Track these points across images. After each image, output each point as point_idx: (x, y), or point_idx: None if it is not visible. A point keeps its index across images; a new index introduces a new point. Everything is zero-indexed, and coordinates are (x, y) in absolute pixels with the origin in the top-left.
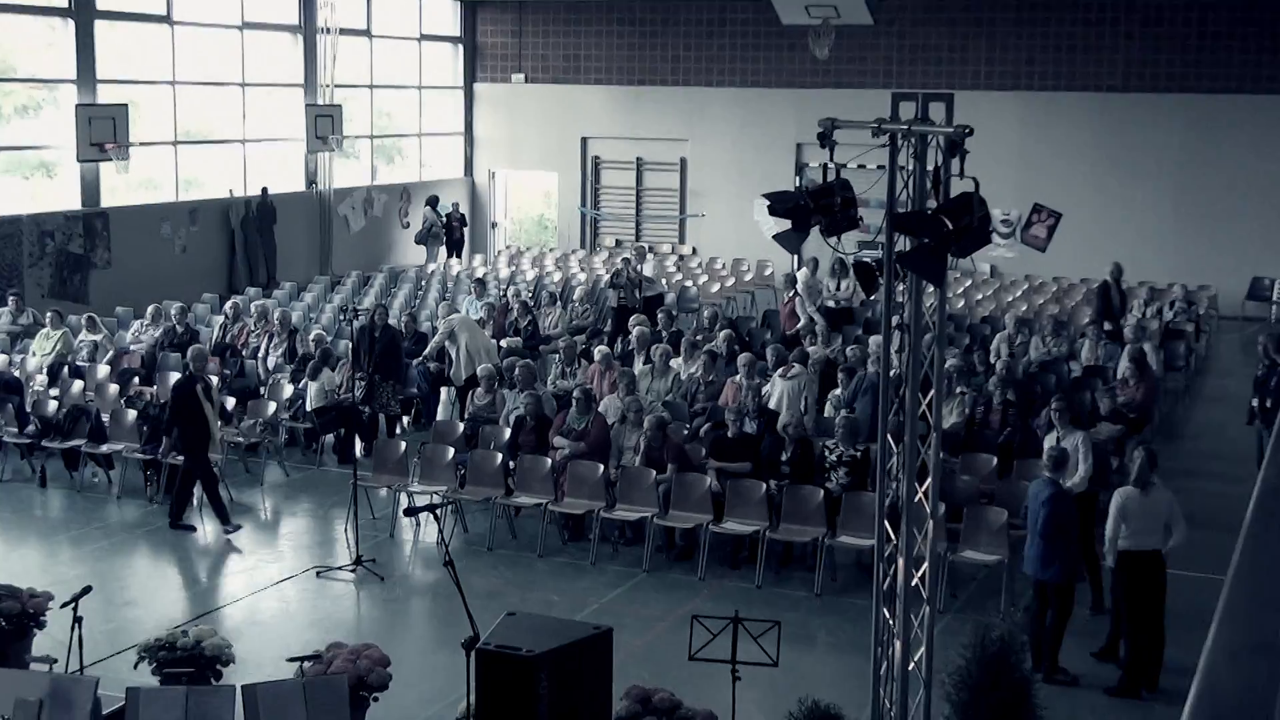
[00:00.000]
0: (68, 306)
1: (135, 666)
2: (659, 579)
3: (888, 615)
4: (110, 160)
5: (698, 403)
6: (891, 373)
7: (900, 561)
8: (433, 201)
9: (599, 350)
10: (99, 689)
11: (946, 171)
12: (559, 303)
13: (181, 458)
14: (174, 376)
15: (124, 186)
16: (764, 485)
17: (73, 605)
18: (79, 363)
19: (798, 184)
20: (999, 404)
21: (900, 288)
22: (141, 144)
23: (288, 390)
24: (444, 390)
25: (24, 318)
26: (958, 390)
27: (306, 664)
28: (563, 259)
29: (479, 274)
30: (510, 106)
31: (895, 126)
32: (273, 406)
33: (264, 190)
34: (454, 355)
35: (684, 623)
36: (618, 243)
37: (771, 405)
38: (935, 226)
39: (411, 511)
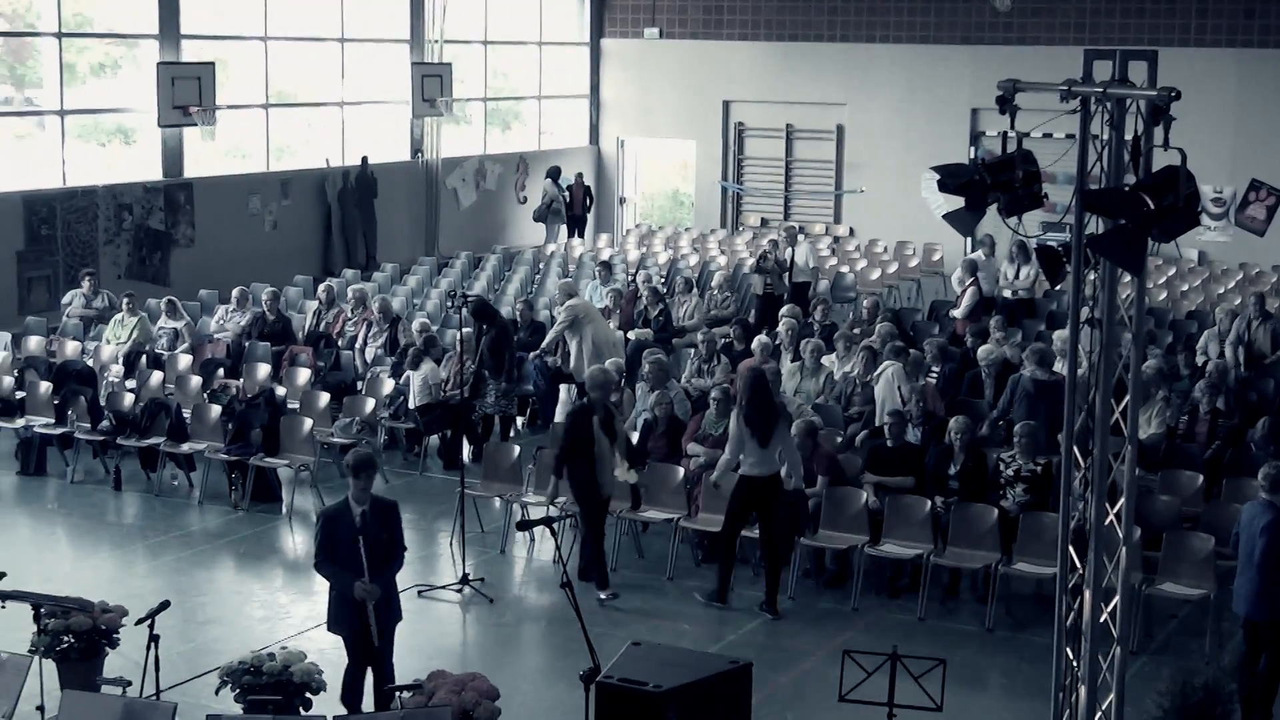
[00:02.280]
0: (146, 288)
1: (217, 692)
2: (806, 608)
3: (1071, 656)
4: (194, 125)
5: (853, 406)
6: (1079, 374)
7: (1087, 594)
8: (553, 173)
9: (757, 341)
10: (176, 716)
11: (1148, 142)
12: (695, 290)
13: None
14: (263, 369)
15: (209, 155)
16: (929, 502)
17: (149, 622)
18: (158, 352)
19: (973, 156)
20: (1206, 413)
21: (1091, 277)
22: (229, 107)
23: (388, 386)
24: (563, 388)
25: (99, 301)
26: (1158, 396)
27: (406, 694)
28: (700, 240)
29: (604, 256)
30: (642, 66)
31: (1088, 89)
32: (371, 404)
33: (364, 160)
34: (574, 348)
35: (834, 658)
36: (763, 222)
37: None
38: (1134, 206)
39: (525, 525)
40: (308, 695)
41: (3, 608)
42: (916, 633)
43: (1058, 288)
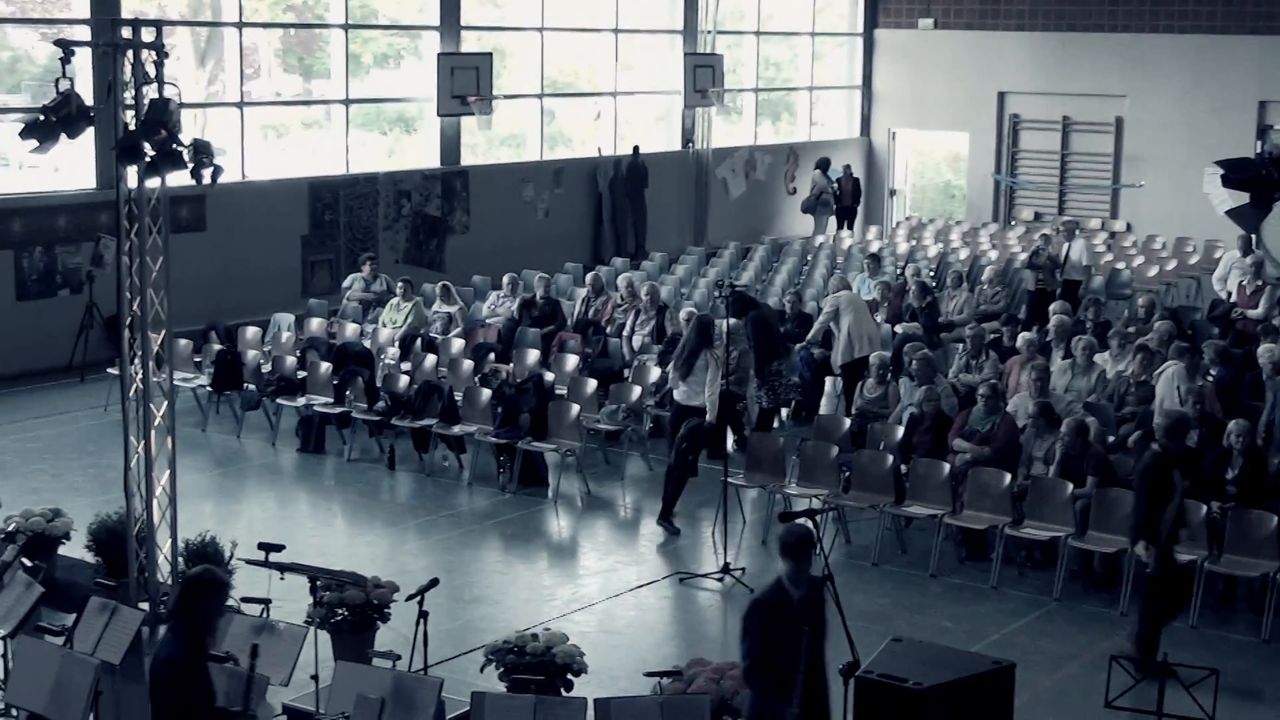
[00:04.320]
0: (422, 273)
1: (481, 670)
2: (1072, 610)
3: None
4: (472, 114)
5: (1126, 406)
6: None
7: None
8: (823, 164)
9: (1023, 337)
10: (442, 691)
11: None
12: (965, 284)
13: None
14: (532, 354)
15: (485, 143)
16: (1204, 507)
17: (418, 599)
18: (432, 335)
19: (1259, 150)
20: None
21: None
22: (505, 97)
23: (654, 374)
24: (828, 380)
25: (378, 285)
26: None
27: (665, 680)
28: (971, 234)
29: (873, 248)
30: (916, 57)
31: None
32: (637, 391)
33: (635, 149)
34: (836, 337)
35: (1100, 663)
36: (1037, 216)
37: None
38: None
39: (788, 517)
40: (569, 677)
41: (282, 579)
42: (1188, 641)
43: None
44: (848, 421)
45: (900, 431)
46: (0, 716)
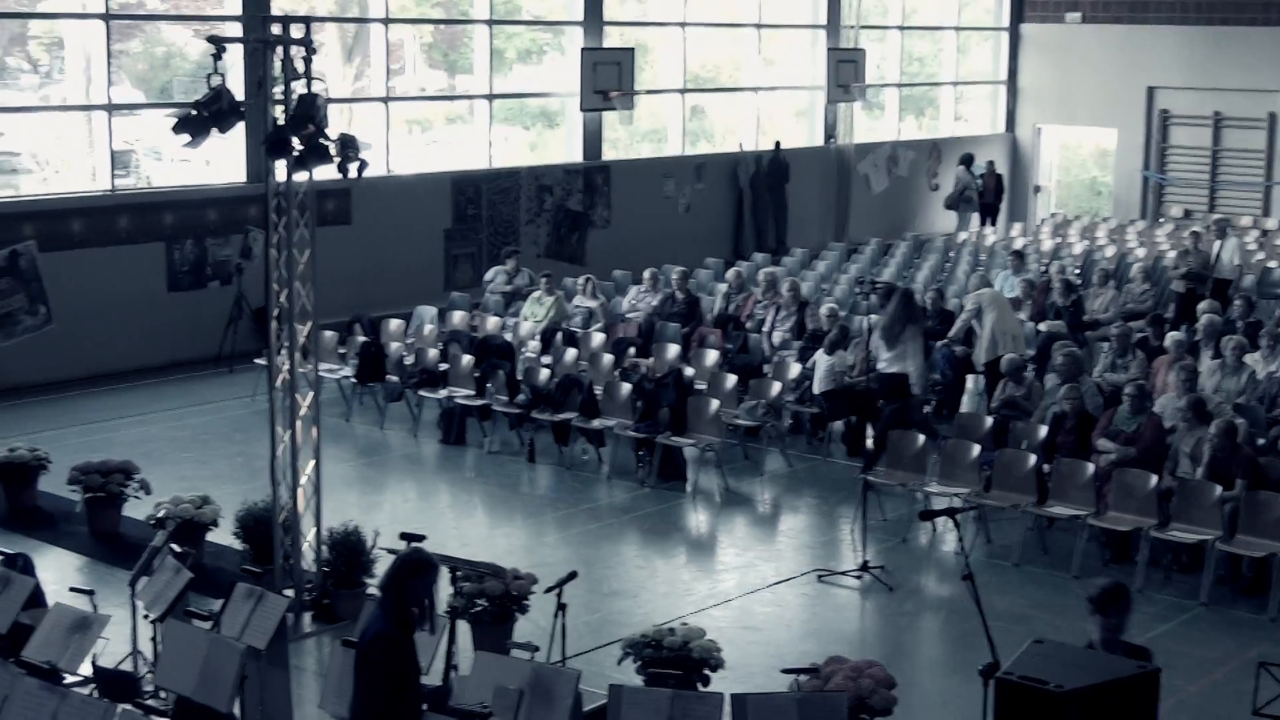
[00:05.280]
0: (563, 268)
1: (619, 663)
2: (1219, 615)
3: None
4: (614, 109)
5: (1277, 408)
6: None
7: None
8: (966, 160)
9: (1171, 337)
10: (580, 683)
11: None
12: (1111, 282)
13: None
14: (672, 349)
15: (626, 138)
16: None
17: (557, 591)
18: (573, 329)
19: None
20: None
21: None
22: (648, 92)
23: (794, 370)
24: (970, 378)
25: (520, 278)
26: None
27: (802, 677)
28: (1118, 231)
29: (1017, 245)
30: (1063, 51)
31: None
32: (777, 387)
33: (777, 145)
34: (978, 335)
35: (1248, 669)
36: (1187, 214)
37: None
38: None
39: (928, 515)
40: (706, 672)
41: None
42: None
43: None
44: (989, 419)
45: (1043, 430)
46: (150, 698)
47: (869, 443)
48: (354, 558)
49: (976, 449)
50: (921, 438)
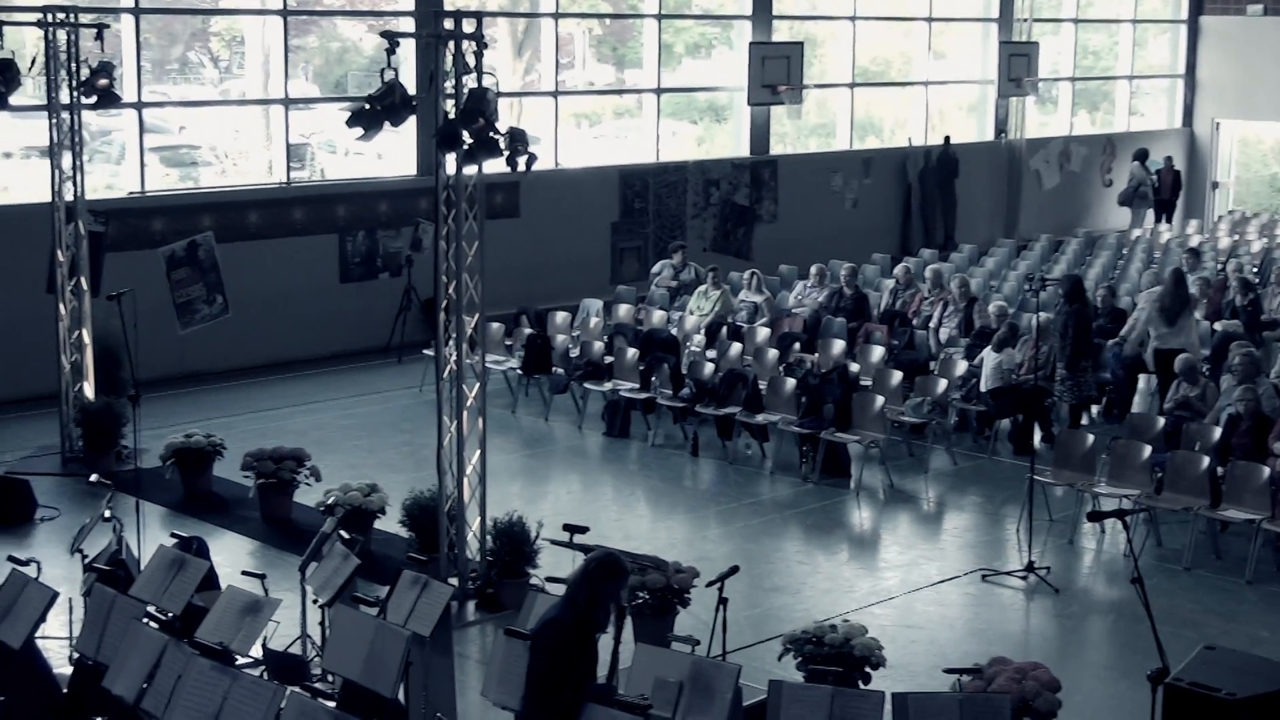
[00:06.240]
0: (729, 262)
1: (780, 659)
2: None
3: None
4: (781, 104)
5: None
6: None
7: None
8: (1141, 156)
9: None
10: (740, 678)
11: None
12: None
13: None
14: (838, 344)
15: (794, 133)
16: None
17: (719, 585)
18: (738, 324)
19: None
20: None
21: None
22: (816, 86)
23: (961, 367)
24: (1142, 378)
25: (686, 273)
26: None
27: (965, 678)
28: None
29: (1193, 243)
30: (1244, 44)
31: None
32: (943, 384)
33: (946, 139)
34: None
35: None
36: None
37: None
38: None
39: (1097, 516)
40: (867, 670)
41: None
42: None
43: None
44: (1161, 420)
45: (1218, 432)
46: (317, 681)
47: (1037, 441)
48: (518, 548)
49: (1148, 450)
50: (1090, 437)
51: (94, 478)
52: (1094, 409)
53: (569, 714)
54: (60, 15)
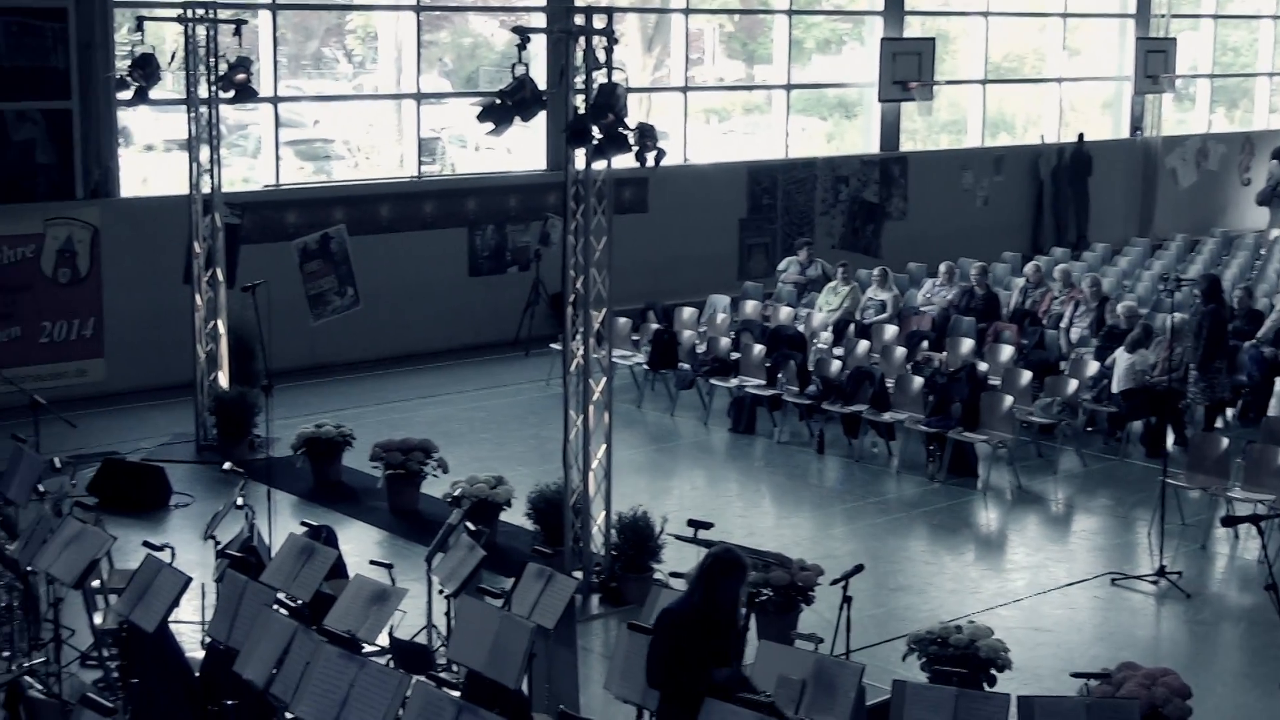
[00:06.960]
0: (857, 259)
1: (904, 658)
2: None
3: None
4: (912, 100)
5: None
6: None
7: None
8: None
9: None
10: (864, 677)
11: None
12: None
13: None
14: (966, 343)
15: (924, 129)
16: None
17: (843, 584)
18: (865, 321)
19: None
20: None
21: None
22: (947, 82)
23: (1092, 367)
24: (1279, 380)
25: (813, 269)
26: None
27: (1093, 682)
28: None
29: None
30: None
31: None
32: (1073, 385)
33: (1080, 137)
34: None
35: None
36: None
37: None
38: None
39: (1231, 521)
40: (993, 672)
41: None
42: None
43: None
44: None
45: None
46: (442, 671)
47: (1170, 444)
48: (642, 543)
49: None
50: (1225, 440)
51: (227, 466)
52: (1229, 412)
53: (685, 699)
54: (200, 11)
